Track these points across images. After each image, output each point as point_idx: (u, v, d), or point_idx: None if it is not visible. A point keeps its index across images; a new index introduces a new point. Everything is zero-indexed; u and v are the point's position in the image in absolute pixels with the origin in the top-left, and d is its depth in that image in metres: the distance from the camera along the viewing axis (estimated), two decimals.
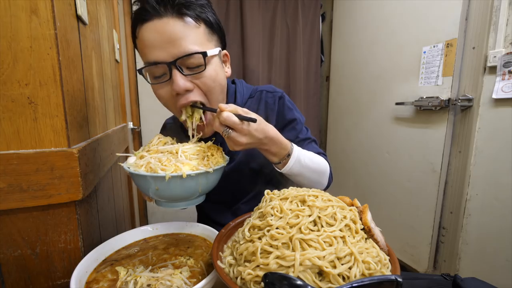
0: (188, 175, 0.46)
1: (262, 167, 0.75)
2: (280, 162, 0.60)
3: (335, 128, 2.28)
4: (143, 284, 0.42)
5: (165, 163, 0.48)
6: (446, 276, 0.55)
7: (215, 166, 0.50)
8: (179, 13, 0.54)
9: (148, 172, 0.47)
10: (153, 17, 0.53)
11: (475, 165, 1.27)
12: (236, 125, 0.49)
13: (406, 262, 1.62)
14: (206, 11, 0.58)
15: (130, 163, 0.50)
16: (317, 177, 0.66)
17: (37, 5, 0.43)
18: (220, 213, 0.80)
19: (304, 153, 0.63)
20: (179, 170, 0.46)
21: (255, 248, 0.37)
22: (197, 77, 0.57)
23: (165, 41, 0.53)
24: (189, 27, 0.55)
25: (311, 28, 2.30)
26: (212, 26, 0.60)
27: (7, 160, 0.43)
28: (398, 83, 1.63)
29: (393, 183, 1.70)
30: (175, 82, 0.55)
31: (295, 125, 0.74)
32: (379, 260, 0.37)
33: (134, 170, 0.47)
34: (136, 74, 2.03)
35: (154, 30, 0.54)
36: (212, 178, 0.51)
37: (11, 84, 0.43)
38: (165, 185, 0.46)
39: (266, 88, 0.77)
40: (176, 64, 0.55)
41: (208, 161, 0.51)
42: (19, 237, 0.47)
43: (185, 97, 0.58)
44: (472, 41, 1.27)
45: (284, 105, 0.75)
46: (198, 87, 0.58)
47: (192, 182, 0.48)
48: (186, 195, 0.50)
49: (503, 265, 1.17)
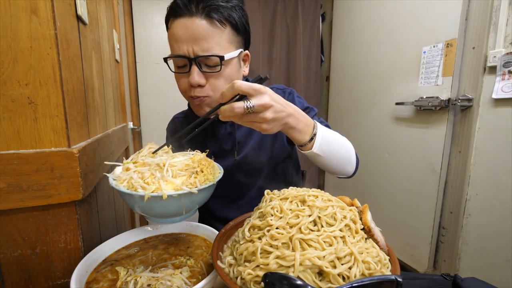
0: (169, 195, 0.42)
1: (270, 159, 0.77)
2: (311, 139, 0.55)
3: (335, 128, 2.25)
4: (143, 284, 0.42)
5: (147, 179, 0.45)
6: (446, 276, 0.55)
7: (201, 185, 0.47)
8: (207, 15, 0.59)
9: (129, 189, 0.44)
10: (184, 14, 0.59)
11: (475, 165, 1.27)
12: (251, 86, 0.44)
13: (406, 262, 1.62)
14: (235, 13, 0.63)
15: (116, 175, 0.49)
16: (346, 155, 0.63)
17: (37, 5, 0.43)
18: (225, 208, 0.80)
19: (326, 128, 0.60)
20: (159, 190, 0.43)
21: (255, 248, 0.37)
22: (212, 75, 0.63)
23: (190, 38, 0.59)
24: (214, 29, 0.60)
25: (311, 28, 2.30)
26: (238, 28, 0.64)
27: (7, 160, 0.43)
28: (398, 83, 1.63)
29: (393, 183, 1.70)
30: (191, 75, 0.62)
31: (308, 112, 0.74)
32: (379, 260, 0.37)
33: (115, 185, 0.46)
34: (136, 74, 2.03)
35: (183, 26, 0.59)
36: (196, 198, 0.47)
37: (11, 84, 0.43)
38: (146, 204, 0.43)
39: (276, 85, 0.81)
40: (196, 61, 0.61)
41: (196, 178, 0.47)
42: (19, 237, 0.47)
43: (194, 90, 0.63)
44: (472, 41, 1.27)
45: (294, 99, 0.77)
46: (210, 84, 0.64)
47: (174, 202, 0.45)
48: (168, 215, 0.48)
49: (503, 265, 1.17)
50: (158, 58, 2.05)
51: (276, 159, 0.78)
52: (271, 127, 0.48)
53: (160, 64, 2.17)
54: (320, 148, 0.56)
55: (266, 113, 0.45)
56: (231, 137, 0.75)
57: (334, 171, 0.65)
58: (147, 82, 2.06)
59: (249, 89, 0.44)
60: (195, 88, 0.63)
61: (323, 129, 0.58)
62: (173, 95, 2.10)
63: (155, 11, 2.01)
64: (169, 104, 2.10)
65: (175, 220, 0.50)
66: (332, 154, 0.59)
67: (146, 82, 2.05)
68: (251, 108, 0.44)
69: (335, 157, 0.60)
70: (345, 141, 0.64)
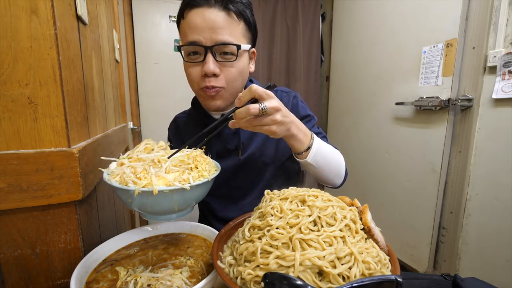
0: (160, 191, 0.41)
1: (274, 160, 0.77)
2: (307, 149, 0.59)
3: (335, 128, 2.28)
4: (143, 284, 0.42)
5: (139, 174, 0.44)
6: (446, 276, 0.55)
7: (194, 181, 0.45)
8: (226, 7, 0.61)
9: (121, 183, 0.44)
10: (203, 5, 0.61)
11: (475, 165, 1.27)
12: (265, 91, 0.49)
13: (406, 262, 1.62)
14: (247, 10, 0.66)
15: (111, 170, 0.48)
16: (336, 168, 0.67)
17: (37, 5, 0.43)
18: (227, 208, 0.80)
19: (322, 142, 0.64)
20: (151, 185, 0.42)
21: (255, 248, 0.36)
22: (226, 65, 0.64)
23: (209, 27, 0.61)
24: (231, 21, 0.62)
25: (311, 28, 2.30)
26: (250, 24, 0.67)
27: (7, 160, 0.43)
28: (398, 83, 1.63)
29: (393, 183, 1.70)
30: (206, 63, 0.62)
31: (308, 120, 0.77)
32: (379, 260, 0.37)
33: (108, 180, 0.45)
34: (136, 74, 2.03)
35: (202, 16, 0.61)
36: (189, 195, 0.46)
37: (11, 84, 0.43)
38: (137, 199, 0.43)
39: (281, 88, 0.82)
40: (212, 49, 0.62)
41: (189, 174, 0.46)
42: (19, 237, 0.47)
43: (209, 79, 0.64)
44: (472, 41, 1.27)
45: (297, 103, 0.79)
46: (224, 74, 0.65)
47: (165, 198, 0.44)
48: (160, 211, 0.47)
49: (503, 265, 1.17)
50: (158, 58, 2.05)
51: (279, 160, 0.78)
52: (280, 130, 0.52)
53: (160, 64, 2.19)
54: (313, 159, 0.60)
55: (276, 115, 0.50)
56: (236, 137, 0.75)
57: (323, 180, 0.69)
58: (147, 82, 2.06)
59: (263, 93, 0.48)
60: (210, 77, 0.63)
61: (319, 141, 0.62)
62: (173, 95, 2.10)
63: (155, 11, 2.00)
64: (169, 104, 2.10)
65: (171, 217, 0.50)
66: (323, 166, 0.63)
67: (146, 82, 2.05)
68: (265, 110, 0.48)
69: (326, 169, 0.64)
70: (338, 156, 0.68)
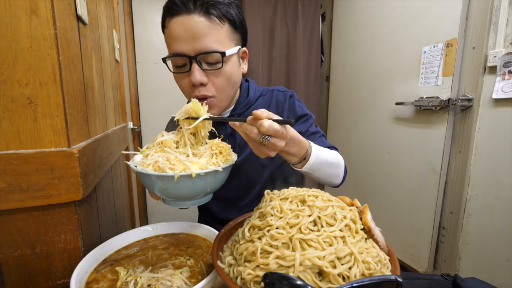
0: (197, 174, 0.44)
1: (271, 161, 0.76)
2: (300, 161, 0.57)
3: (335, 128, 2.28)
4: (143, 284, 0.42)
5: (173, 162, 0.46)
6: (446, 276, 0.55)
7: (224, 164, 0.49)
8: (206, 11, 0.58)
9: (156, 171, 0.45)
10: (182, 12, 0.58)
11: (475, 165, 1.27)
12: (278, 131, 0.45)
13: (406, 262, 1.62)
14: (232, 10, 0.63)
15: (137, 162, 0.48)
16: (335, 171, 0.66)
17: (37, 5, 0.43)
18: (226, 210, 0.80)
19: (321, 149, 0.62)
20: (187, 169, 0.45)
21: (255, 248, 0.37)
22: (213, 73, 0.63)
23: (190, 36, 0.58)
24: (214, 25, 0.59)
25: (311, 28, 2.30)
26: (236, 25, 0.64)
27: (7, 160, 0.43)
28: (398, 83, 1.63)
29: (393, 183, 1.70)
30: (192, 74, 0.61)
31: (306, 119, 0.76)
32: (379, 260, 0.37)
33: (141, 169, 0.46)
34: (136, 74, 2.03)
35: (181, 25, 0.58)
36: (221, 177, 0.50)
37: (11, 84, 0.43)
38: (174, 184, 0.44)
39: (277, 87, 0.81)
40: (197, 59, 0.60)
41: (217, 159, 0.49)
42: (19, 237, 0.47)
43: (198, 89, 0.63)
44: (472, 41, 1.27)
45: (294, 103, 0.77)
46: (212, 83, 0.64)
47: (200, 181, 0.46)
48: (194, 194, 0.49)
49: (503, 265, 1.17)
50: (158, 58, 2.04)
51: (277, 160, 0.77)
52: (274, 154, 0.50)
53: (160, 64, 2.17)
54: (311, 168, 0.59)
55: (271, 153, 0.48)
56: (232, 138, 0.75)
57: (320, 182, 0.68)
58: (147, 82, 2.06)
59: (273, 133, 0.45)
60: (198, 87, 0.63)
61: (317, 150, 0.59)
62: (173, 95, 2.10)
63: (155, 11, 2.00)
64: (169, 104, 2.10)
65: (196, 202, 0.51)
66: (320, 172, 0.62)
67: (146, 82, 2.05)
68: (266, 142, 0.46)
69: (324, 174, 0.63)
70: (336, 158, 0.66)
